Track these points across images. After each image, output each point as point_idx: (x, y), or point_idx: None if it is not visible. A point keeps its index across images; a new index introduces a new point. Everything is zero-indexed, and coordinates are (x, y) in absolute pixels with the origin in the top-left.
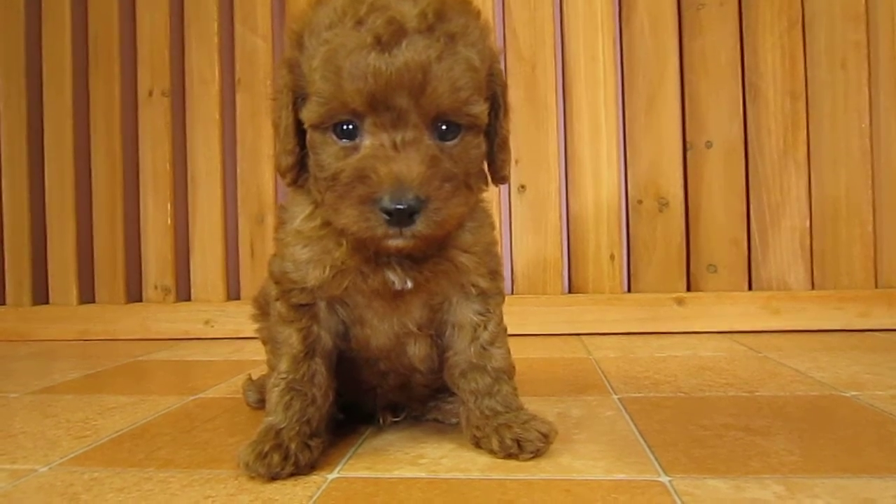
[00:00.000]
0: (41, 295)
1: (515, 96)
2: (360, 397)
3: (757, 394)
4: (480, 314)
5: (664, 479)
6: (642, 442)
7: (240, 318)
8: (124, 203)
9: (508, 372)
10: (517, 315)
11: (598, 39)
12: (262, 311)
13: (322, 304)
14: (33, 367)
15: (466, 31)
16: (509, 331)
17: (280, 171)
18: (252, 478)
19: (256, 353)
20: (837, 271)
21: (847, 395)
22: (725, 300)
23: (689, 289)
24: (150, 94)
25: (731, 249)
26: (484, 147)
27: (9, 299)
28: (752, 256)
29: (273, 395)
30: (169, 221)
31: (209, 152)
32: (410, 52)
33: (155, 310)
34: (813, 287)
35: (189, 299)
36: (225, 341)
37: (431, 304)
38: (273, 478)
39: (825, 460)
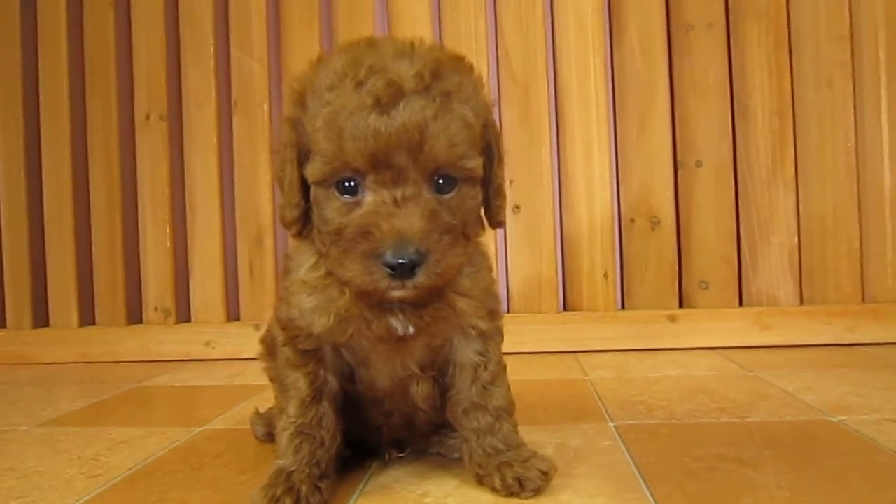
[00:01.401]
0: (41, 318)
1: (509, 117)
2: (365, 434)
3: (748, 420)
4: (480, 354)
5: None
6: (638, 476)
7: (239, 340)
8: (123, 226)
9: (509, 410)
10: (513, 334)
11: (590, 61)
12: (270, 351)
13: (328, 349)
14: (37, 394)
15: (461, 89)
16: (506, 349)
17: (285, 224)
18: None
19: (257, 377)
20: (825, 287)
21: (834, 419)
22: (717, 316)
23: (681, 305)
24: (148, 117)
25: (722, 266)
26: (480, 197)
27: (9, 322)
28: (742, 273)
29: (283, 439)
30: (168, 244)
31: (207, 175)
32: (408, 113)
33: (156, 332)
34: (802, 302)
35: (189, 321)
36: (225, 363)
37: (433, 346)
38: None
39: (813, 495)
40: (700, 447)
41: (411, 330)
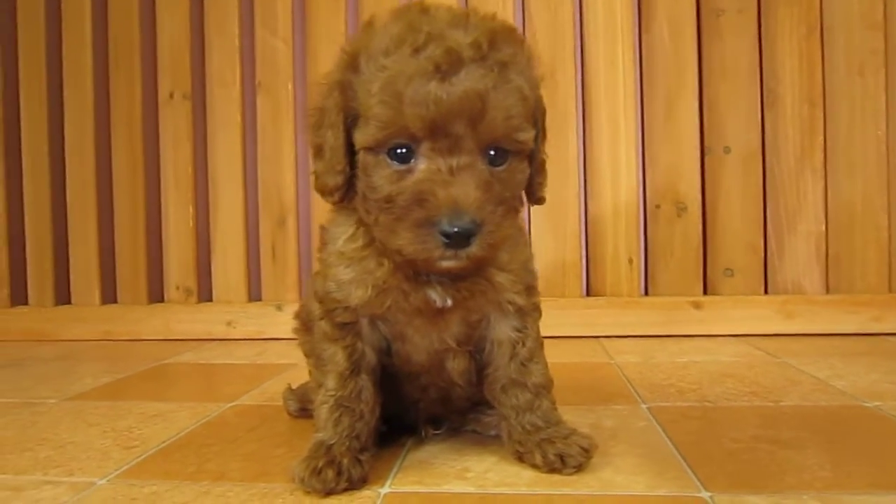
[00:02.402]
0: (63, 295)
1: None
2: (402, 410)
3: (781, 404)
4: (518, 331)
5: (705, 494)
6: (677, 455)
7: (262, 320)
8: (146, 204)
9: (547, 387)
10: None
11: (618, 45)
12: (305, 325)
13: (364, 322)
14: (63, 369)
15: (516, 60)
16: None
17: (326, 191)
18: (307, 493)
19: (281, 356)
20: (852, 276)
21: (869, 405)
22: (742, 304)
23: (705, 293)
24: (171, 96)
25: (748, 254)
26: (528, 171)
27: (31, 299)
28: (767, 261)
29: (322, 412)
30: (191, 223)
31: (230, 155)
32: (469, 82)
33: (177, 311)
34: (828, 291)
35: (211, 300)
36: (247, 342)
37: (469, 321)
38: (328, 493)
39: (855, 476)
40: (736, 429)
41: (449, 302)
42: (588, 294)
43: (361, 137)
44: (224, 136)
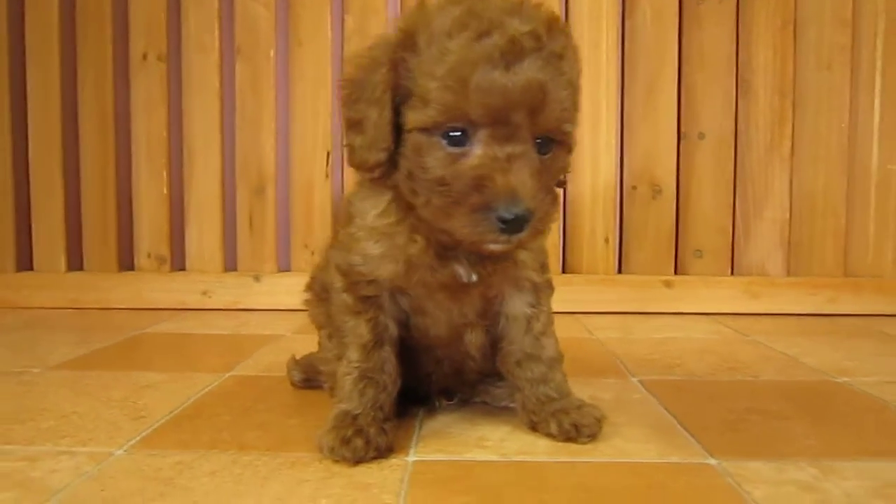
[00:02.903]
0: (25, 261)
1: None
2: (415, 382)
3: (761, 378)
4: (532, 306)
5: (712, 461)
6: (678, 425)
7: (238, 291)
8: (116, 169)
9: (559, 360)
10: None
11: (602, 29)
12: (317, 296)
13: (385, 295)
14: (34, 338)
15: (566, 52)
16: None
17: (365, 167)
18: (336, 461)
19: (264, 326)
20: (811, 260)
21: (839, 381)
22: (710, 284)
23: (676, 272)
24: (145, 57)
25: (717, 236)
26: (568, 160)
27: None
28: (735, 243)
29: (346, 383)
30: (164, 190)
31: (207, 120)
32: (532, 72)
33: (149, 279)
34: (788, 274)
35: (184, 269)
36: (223, 313)
37: (488, 295)
38: (357, 462)
39: (841, 445)
40: (726, 401)
41: (474, 278)
42: (564, 272)
43: (416, 118)
44: (200, 101)
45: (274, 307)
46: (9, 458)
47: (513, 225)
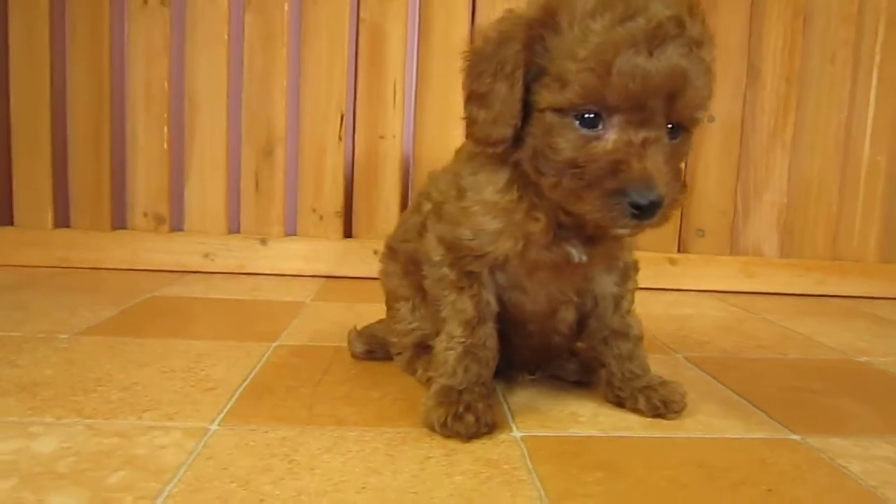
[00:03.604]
0: (5, 216)
1: None
2: (501, 356)
3: (790, 356)
4: (618, 285)
5: (795, 437)
6: (744, 401)
7: (243, 254)
8: (111, 122)
9: (642, 338)
10: None
11: None
12: (403, 268)
13: (486, 271)
14: (37, 300)
15: (705, 38)
16: None
17: (489, 142)
18: (447, 437)
19: (280, 292)
20: (803, 243)
21: (861, 360)
22: (711, 263)
23: (679, 250)
24: (146, 1)
25: (719, 217)
26: (692, 146)
27: None
28: (734, 224)
29: (450, 358)
30: (164, 146)
31: (213, 74)
32: (675, 58)
33: (146, 239)
34: (782, 255)
35: (182, 230)
36: (228, 276)
37: (588, 275)
38: (470, 437)
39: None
40: (770, 378)
41: (584, 258)
42: None
43: (550, 97)
44: (207, 52)
45: (280, 272)
46: (97, 432)
47: (646, 211)
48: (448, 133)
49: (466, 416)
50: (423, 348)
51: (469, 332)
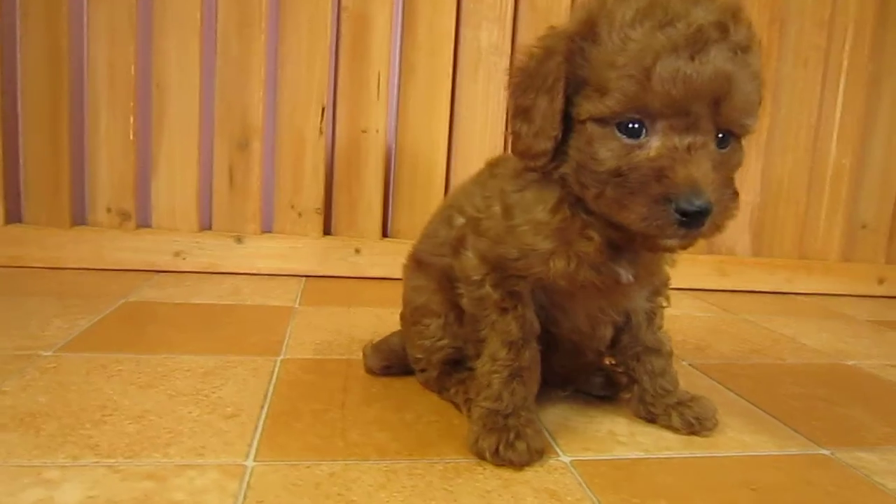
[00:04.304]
0: None
1: None
2: None
3: (787, 362)
4: (650, 300)
5: (825, 452)
6: (765, 414)
7: (217, 252)
8: (70, 110)
9: (673, 354)
10: None
11: None
12: (438, 284)
13: (527, 290)
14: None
15: (750, 43)
16: None
17: (531, 155)
18: (499, 465)
19: (264, 294)
20: (772, 242)
21: (849, 364)
22: (688, 262)
23: None
24: None
25: None
26: (743, 156)
27: None
28: None
29: (494, 382)
30: (130, 136)
31: (184, 60)
32: (719, 62)
33: (111, 237)
34: (753, 254)
35: (149, 226)
36: (202, 277)
37: (632, 295)
38: (522, 465)
39: None
40: (778, 387)
41: (631, 279)
42: None
43: (592, 107)
44: (178, 36)
45: (257, 271)
46: (123, 475)
47: (693, 219)
48: (433, 128)
49: (518, 444)
50: (452, 366)
51: (514, 354)
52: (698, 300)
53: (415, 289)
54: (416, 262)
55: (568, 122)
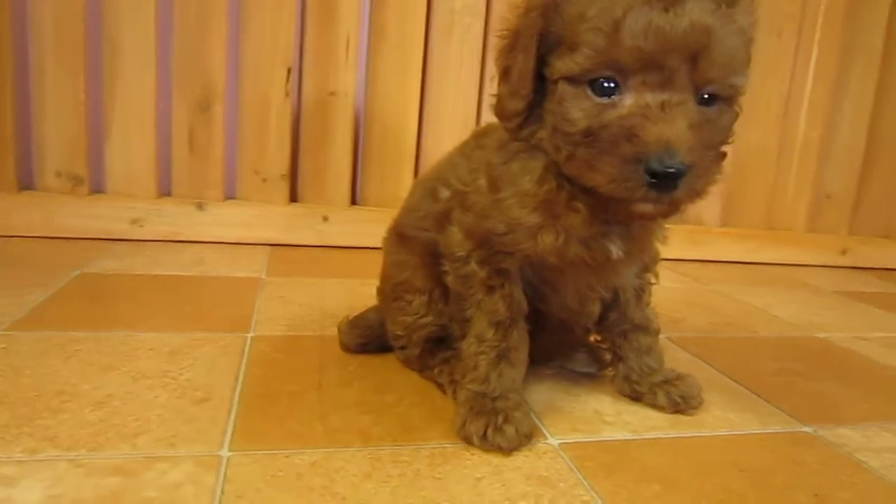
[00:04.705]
0: None
1: (500, 13)
2: None
3: (760, 335)
4: (639, 276)
5: (808, 429)
6: (745, 390)
7: (178, 220)
8: (14, 70)
9: (659, 331)
10: None
11: None
12: (402, 243)
13: (515, 268)
14: None
15: (742, 1)
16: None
17: (505, 115)
18: (487, 450)
19: (229, 265)
20: (741, 212)
21: (821, 336)
22: None
23: None
24: None
25: None
26: (735, 118)
27: None
28: None
29: (481, 363)
30: (81, 96)
31: (139, 15)
32: (696, 15)
33: (62, 202)
34: (722, 224)
35: (104, 192)
36: (163, 245)
37: (622, 271)
38: (511, 450)
39: (883, 407)
40: (756, 362)
41: (622, 254)
42: None
43: (562, 65)
44: None
45: (220, 240)
46: (88, 470)
47: (664, 180)
48: (404, 92)
49: (507, 429)
50: (435, 344)
51: (502, 334)
52: (670, 270)
53: (396, 263)
54: (399, 236)
55: (546, 83)
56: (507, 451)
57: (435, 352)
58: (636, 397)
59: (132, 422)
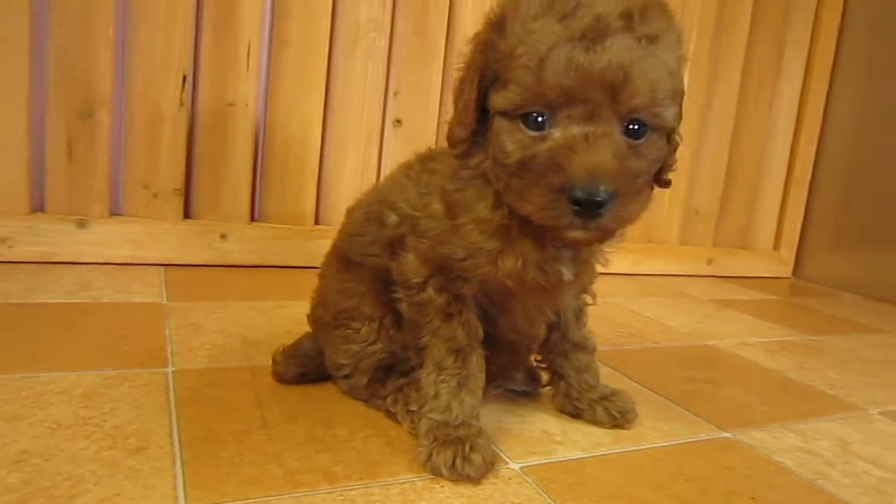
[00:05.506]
0: None
1: (403, 29)
2: None
3: (662, 345)
4: (578, 299)
5: (727, 434)
6: (666, 401)
7: (54, 239)
8: None
9: (596, 349)
10: None
11: None
12: (346, 269)
13: (469, 294)
14: None
15: (665, 36)
16: None
17: (453, 142)
18: (455, 480)
19: (116, 289)
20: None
21: (711, 344)
22: None
23: None
24: None
25: None
26: (665, 149)
27: None
28: None
29: (442, 392)
30: None
31: (9, 10)
32: (614, 51)
33: None
34: None
35: None
36: (38, 267)
37: (570, 294)
38: (479, 478)
39: (780, 408)
40: (666, 370)
41: (572, 277)
42: None
43: (498, 100)
44: None
45: (105, 260)
46: None
47: (588, 208)
48: (307, 105)
49: (474, 457)
50: (384, 372)
51: (461, 361)
52: None
53: (341, 290)
54: (343, 262)
55: (489, 115)
56: (476, 479)
57: (385, 380)
58: (576, 414)
59: (63, 482)
